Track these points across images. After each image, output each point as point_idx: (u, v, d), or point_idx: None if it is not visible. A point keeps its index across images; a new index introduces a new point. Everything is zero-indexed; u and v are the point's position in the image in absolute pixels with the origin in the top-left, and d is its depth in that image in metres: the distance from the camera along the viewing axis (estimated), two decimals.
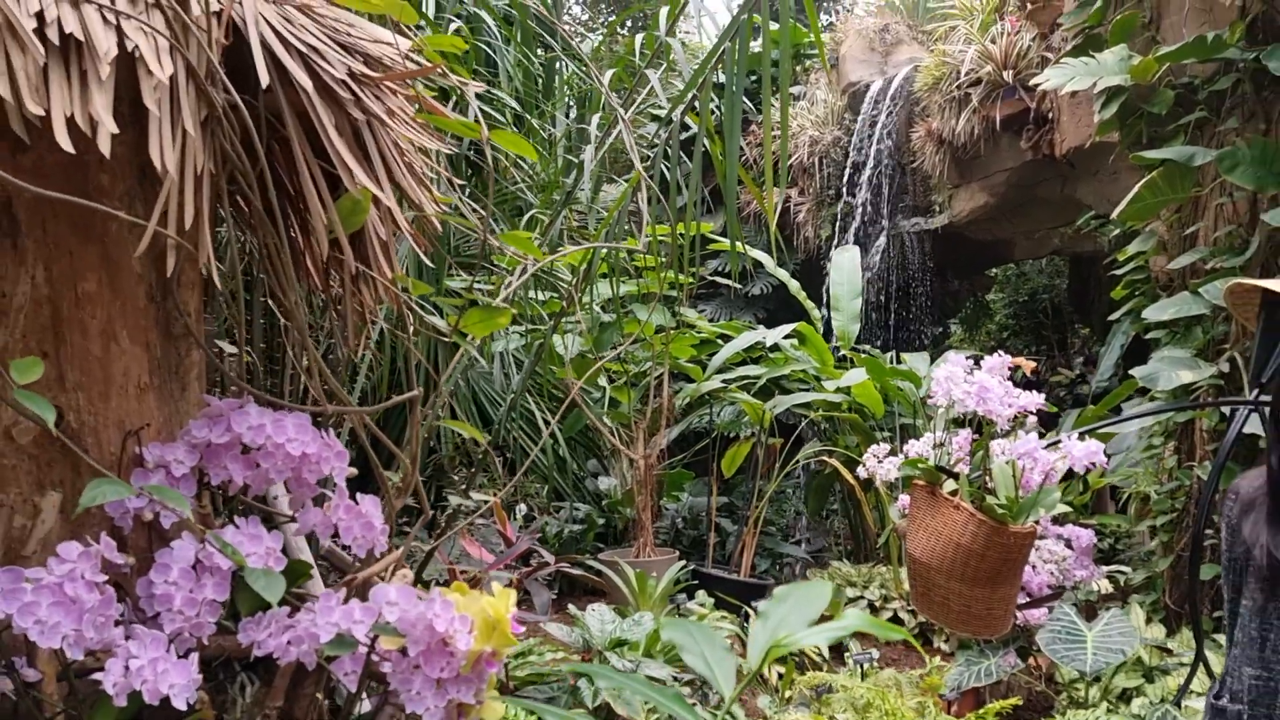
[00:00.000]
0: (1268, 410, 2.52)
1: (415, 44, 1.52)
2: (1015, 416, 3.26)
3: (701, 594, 5.20)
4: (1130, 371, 4.77)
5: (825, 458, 5.98)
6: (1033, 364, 6.11)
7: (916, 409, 6.65)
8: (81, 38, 1.23)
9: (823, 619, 1.24)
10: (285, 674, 1.47)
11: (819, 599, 1.52)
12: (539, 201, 5.27)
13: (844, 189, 8.76)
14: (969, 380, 3.15)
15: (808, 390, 6.31)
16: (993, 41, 6.91)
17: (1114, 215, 5.19)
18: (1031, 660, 4.40)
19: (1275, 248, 4.67)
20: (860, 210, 8.46)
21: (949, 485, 3.32)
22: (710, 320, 7.83)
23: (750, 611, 5.14)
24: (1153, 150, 5.06)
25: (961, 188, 7.87)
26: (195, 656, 1.30)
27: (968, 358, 7.56)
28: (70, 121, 1.19)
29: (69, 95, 1.19)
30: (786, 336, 6.12)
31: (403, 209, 1.60)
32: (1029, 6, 6.65)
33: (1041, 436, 3.57)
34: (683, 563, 5.26)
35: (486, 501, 4.49)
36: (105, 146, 1.20)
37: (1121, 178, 6.27)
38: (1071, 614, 3.43)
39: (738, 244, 3.14)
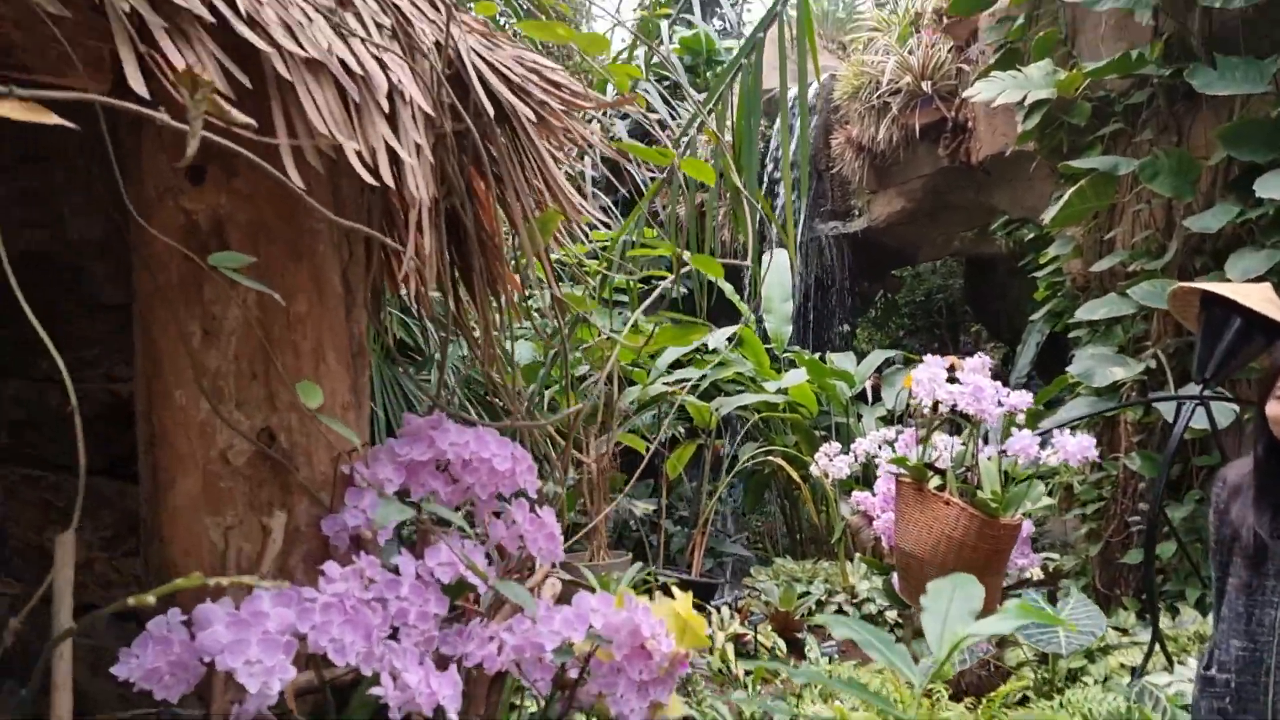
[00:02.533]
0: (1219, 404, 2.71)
1: (602, 72, 1.52)
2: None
3: (658, 594, 5.24)
4: (1067, 369, 5.03)
5: (770, 457, 6.10)
6: (964, 363, 6.38)
7: (848, 408, 6.85)
8: (361, 72, 1.19)
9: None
10: (483, 683, 1.44)
11: (976, 596, 1.58)
12: None
13: (763, 193, 8.96)
14: (962, 382, 3.28)
15: (744, 392, 6.43)
16: (911, 53, 7.19)
17: (1046, 222, 5.47)
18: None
19: (1191, 251, 5.00)
20: (779, 214, 8.66)
21: (935, 481, 3.44)
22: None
23: (711, 609, 5.21)
24: (1075, 160, 5.36)
25: (880, 193, 8.15)
26: (454, 667, 1.28)
27: (892, 360, 7.77)
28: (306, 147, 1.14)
29: (356, 129, 1.15)
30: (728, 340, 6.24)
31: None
32: (945, 21, 6.95)
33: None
34: (639, 565, 5.29)
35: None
36: (388, 177, 1.17)
37: (1036, 184, 6.60)
38: (1040, 599, 3.61)
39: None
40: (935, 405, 3.46)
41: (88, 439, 1.07)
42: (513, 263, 1.63)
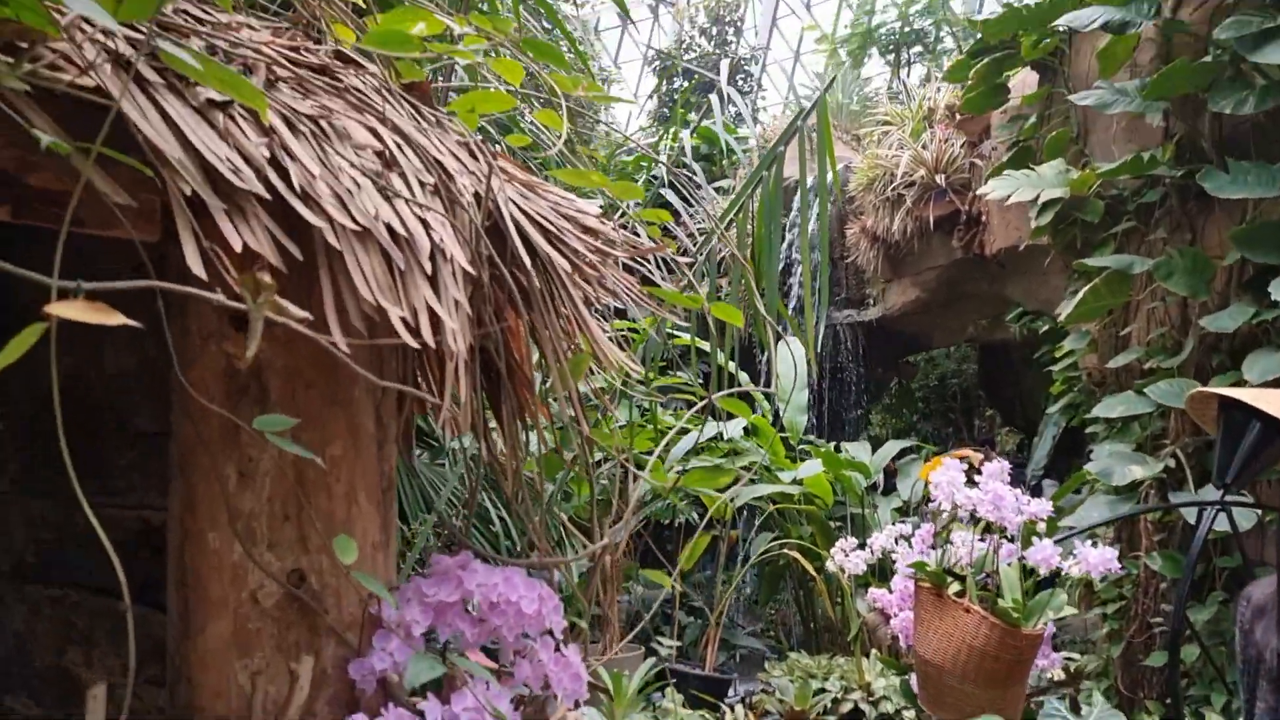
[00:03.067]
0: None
1: (634, 216, 1.57)
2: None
3: (670, 690, 5.16)
4: (1086, 467, 5.00)
5: (786, 549, 6.06)
6: (979, 455, 6.37)
7: (863, 499, 6.81)
8: (406, 233, 1.23)
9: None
10: None
11: None
12: None
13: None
14: (981, 487, 3.26)
15: (758, 482, 6.40)
16: (924, 147, 7.32)
17: (1061, 318, 5.49)
18: None
19: (1208, 350, 5.01)
20: (795, 302, 8.73)
21: (954, 587, 3.41)
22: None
23: (725, 707, 5.12)
24: (1089, 258, 5.40)
25: (894, 282, 8.22)
26: None
27: (909, 449, 7.75)
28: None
29: (400, 292, 1.19)
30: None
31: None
32: (958, 117, 7.08)
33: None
34: (652, 660, 5.22)
35: None
36: (429, 338, 1.20)
37: (1050, 278, 6.64)
38: (1063, 709, 3.54)
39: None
40: (954, 507, 3.44)
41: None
42: (540, 391, 1.66)
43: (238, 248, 1.07)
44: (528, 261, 1.37)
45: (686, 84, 17.63)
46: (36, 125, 1.00)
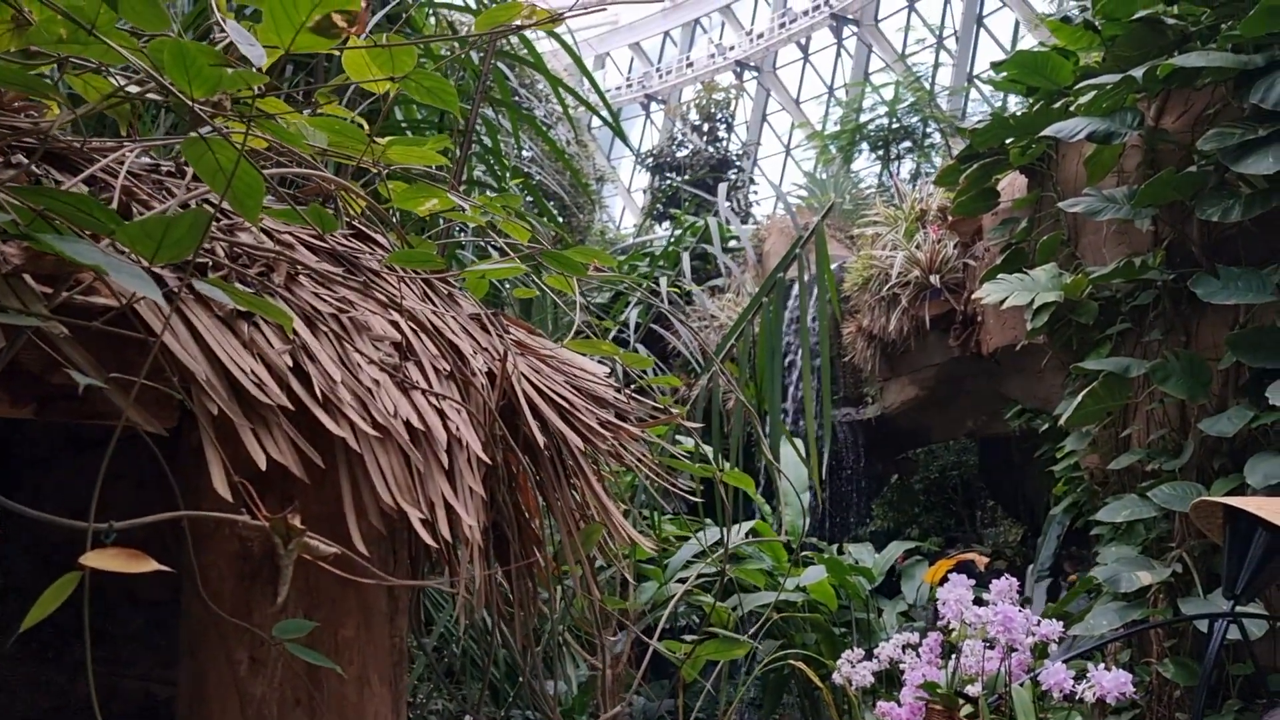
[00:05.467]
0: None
1: (643, 383, 1.59)
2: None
3: None
4: (1091, 573, 4.96)
5: (790, 659, 5.95)
6: (985, 559, 6.29)
7: (868, 602, 6.72)
8: (423, 427, 1.25)
9: None
10: None
11: None
12: None
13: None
14: (990, 608, 3.23)
15: (759, 588, 6.32)
16: (918, 248, 7.43)
17: (1061, 421, 5.50)
18: None
19: (1209, 452, 5.01)
20: (792, 401, 8.75)
21: (965, 709, 3.34)
22: None
23: None
24: (1085, 358, 5.44)
25: (892, 380, 8.27)
26: None
27: (912, 550, 7.65)
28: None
29: (418, 490, 1.20)
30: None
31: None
32: (950, 219, 7.21)
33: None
34: None
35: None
36: (445, 532, 1.21)
37: (1047, 376, 6.68)
38: None
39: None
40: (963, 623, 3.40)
41: None
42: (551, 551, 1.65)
43: (262, 465, 1.08)
44: (541, 440, 1.38)
45: (680, 179, 18.00)
46: (67, 356, 1.02)
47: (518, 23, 1.35)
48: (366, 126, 1.45)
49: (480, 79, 2.34)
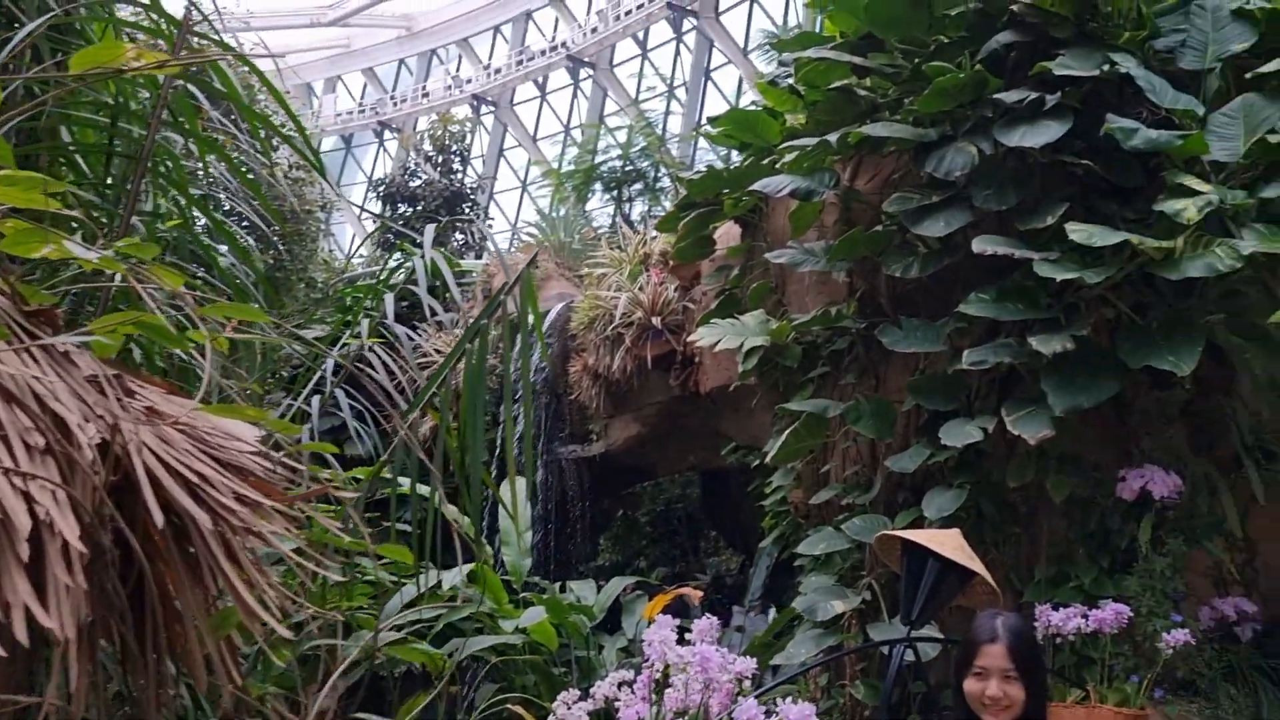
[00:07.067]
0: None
1: (293, 449, 1.45)
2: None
3: None
4: (794, 604, 5.22)
5: (509, 704, 5.85)
6: (700, 593, 6.49)
7: (588, 639, 6.76)
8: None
9: None
10: None
11: None
12: None
13: (499, 417, 8.99)
14: (691, 648, 3.31)
15: (484, 633, 6.21)
16: (641, 290, 7.66)
17: (768, 459, 5.80)
18: None
19: (894, 487, 5.44)
20: (517, 439, 8.71)
21: None
22: None
23: None
24: (791, 399, 5.78)
25: (617, 418, 8.43)
26: None
27: (636, 585, 7.78)
28: None
29: None
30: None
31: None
32: (671, 263, 7.48)
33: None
34: None
35: None
36: (22, 635, 1.01)
37: (758, 415, 7.04)
38: None
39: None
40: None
41: None
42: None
43: None
44: (159, 520, 1.23)
45: (412, 210, 17.62)
46: None
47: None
48: None
49: (157, 106, 2.13)
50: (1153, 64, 4.83)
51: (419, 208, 17.40)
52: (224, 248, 4.06)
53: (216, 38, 2.78)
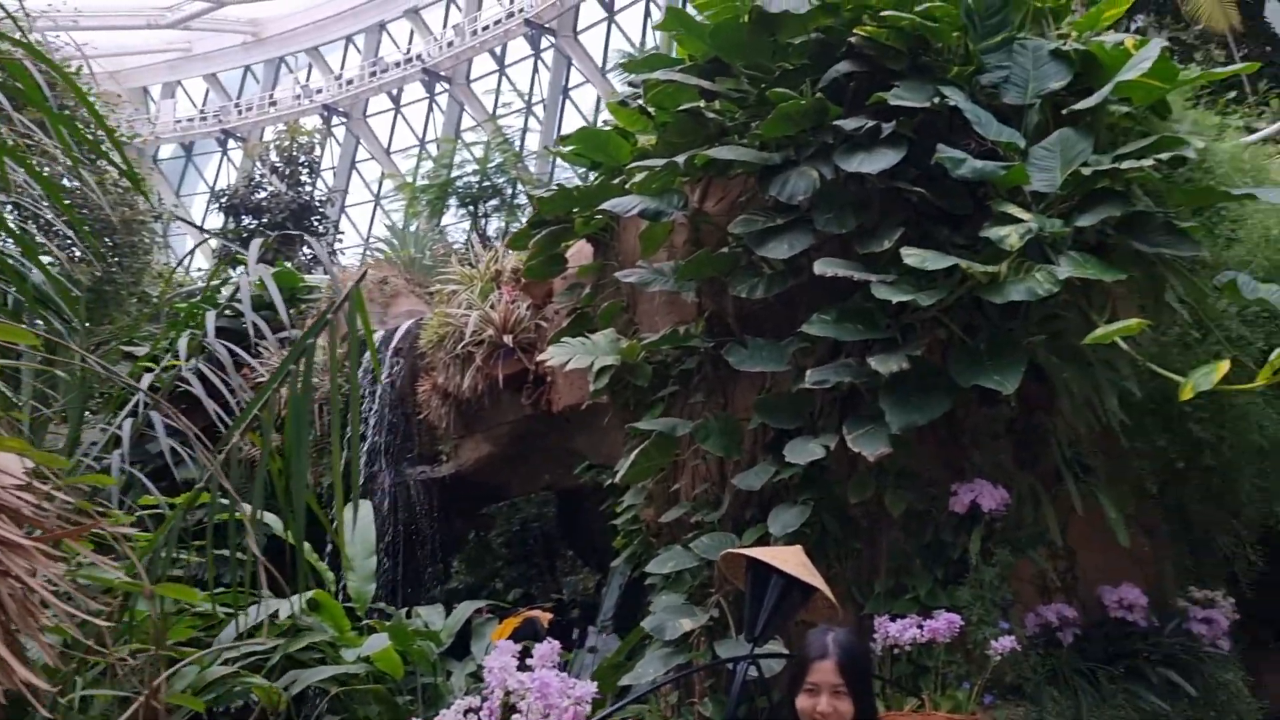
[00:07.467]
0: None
1: (59, 484, 1.31)
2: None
3: None
4: (642, 623, 5.21)
5: None
6: (549, 615, 6.42)
7: (436, 666, 6.58)
8: None
9: None
10: None
11: None
12: None
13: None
14: (531, 674, 3.26)
15: (325, 663, 5.96)
16: (492, 307, 7.54)
17: (618, 479, 5.78)
18: None
19: (742, 504, 5.51)
20: (364, 460, 8.45)
21: None
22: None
23: None
24: (641, 418, 5.79)
25: (468, 438, 8.26)
26: None
27: (489, 607, 7.64)
28: None
29: None
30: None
31: None
32: (523, 281, 7.40)
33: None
34: None
35: None
36: None
37: (610, 433, 7.02)
38: None
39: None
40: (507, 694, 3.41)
41: None
42: None
43: None
44: None
45: (257, 223, 16.95)
46: None
47: None
48: None
49: None
50: (979, 98, 5.08)
51: (264, 220, 16.76)
52: (44, 259, 3.78)
53: (18, 36, 2.58)
